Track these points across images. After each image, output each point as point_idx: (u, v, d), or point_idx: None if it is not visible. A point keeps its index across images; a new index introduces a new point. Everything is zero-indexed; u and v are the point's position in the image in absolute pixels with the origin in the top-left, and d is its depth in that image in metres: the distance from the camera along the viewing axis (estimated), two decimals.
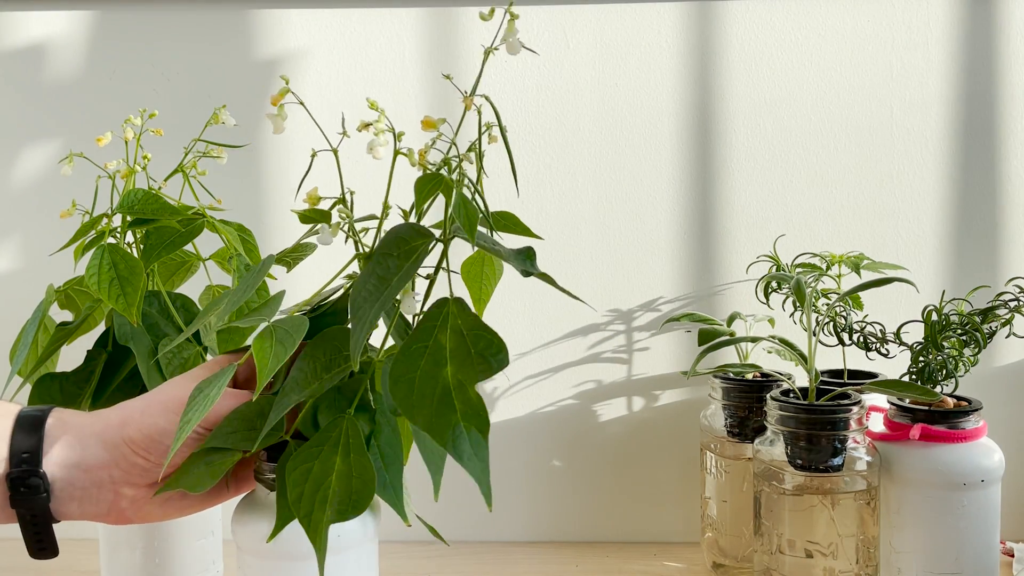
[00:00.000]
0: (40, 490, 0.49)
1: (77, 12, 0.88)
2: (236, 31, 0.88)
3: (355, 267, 0.55)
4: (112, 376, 0.70)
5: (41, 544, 0.51)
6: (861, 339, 0.76)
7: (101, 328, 0.72)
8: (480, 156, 0.52)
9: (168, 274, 0.76)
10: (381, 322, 0.49)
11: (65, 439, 0.51)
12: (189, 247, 0.74)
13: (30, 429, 0.50)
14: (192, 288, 0.76)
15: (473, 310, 0.45)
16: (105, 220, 0.68)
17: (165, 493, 0.52)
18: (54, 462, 0.50)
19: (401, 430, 0.54)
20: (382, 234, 0.51)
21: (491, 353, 0.42)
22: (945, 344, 0.70)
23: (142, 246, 0.69)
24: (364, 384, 0.50)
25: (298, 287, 0.75)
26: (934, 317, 0.70)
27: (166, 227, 0.68)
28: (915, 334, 0.72)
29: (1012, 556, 0.81)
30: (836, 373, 0.81)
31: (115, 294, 0.62)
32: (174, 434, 0.49)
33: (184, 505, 0.55)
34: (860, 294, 0.80)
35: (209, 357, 0.72)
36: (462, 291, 0.60)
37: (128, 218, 0.69)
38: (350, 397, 0.49)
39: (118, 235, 0.68)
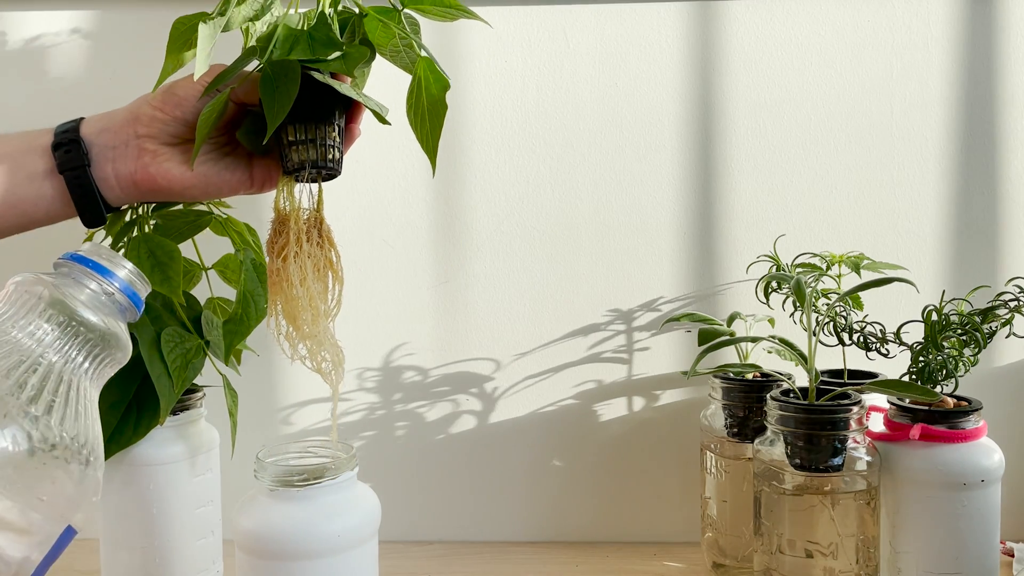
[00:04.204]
0: (79, 148, 0.59)
1: (77, 12, 0.88)
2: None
3: None
4: None
5: (89, 209, 0.61)
6: (861, 339, 0.75)
7: None
8: None
9: None
10: None
11: (97, 116, 0.62)
12: (193, 256, 0.75)
13: (68, 121, 0.62)
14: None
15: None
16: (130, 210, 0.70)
17: (187, 153, 0.61)
18: (88, 131, 0.60)
19: None
20: None
21: (441, 83, 0.62)
22: (945, 344, 0.70)
23: None
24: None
25: None
26: (934, 317, 0.70)
27: (175, 219, 0.70)
28: (915, 334, 0.72)
29: (1012, 556, 0.81)
30: (836, 373, 0.82)
31: (158, 279, 0.66)
32: (185, 88, 0.59)
33: (201, 173, 0.61)
34: (860, 294, 0.80)
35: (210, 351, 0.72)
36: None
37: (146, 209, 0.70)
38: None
39: (149, 225, 0.70)
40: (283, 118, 0.54)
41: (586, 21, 0.87)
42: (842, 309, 0.77)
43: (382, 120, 0.60)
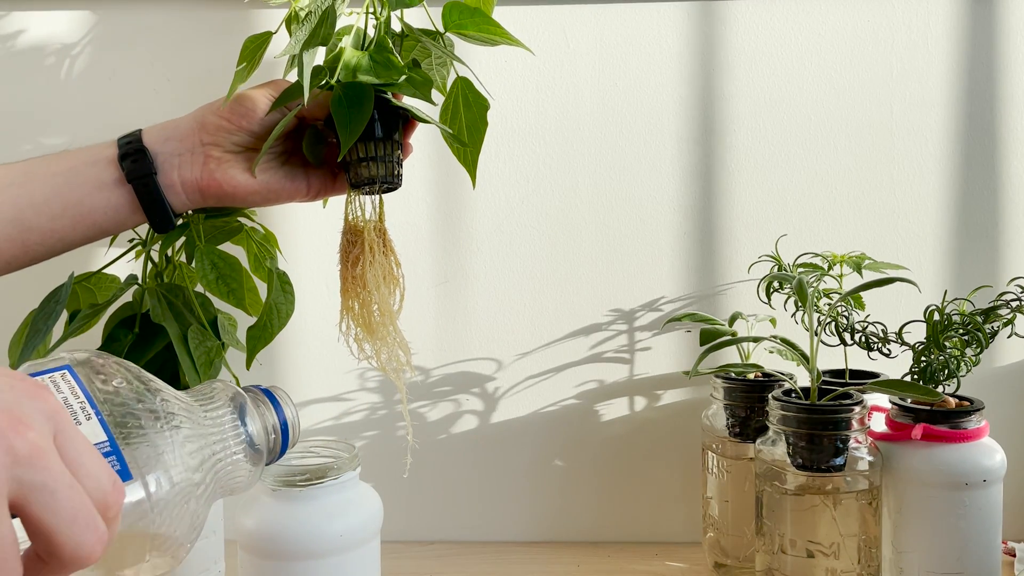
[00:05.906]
0: (146, 157, 0.61)
1: (77, 12, 0.88)
2: (237, 31, 0.88)
3: None
4: (137, 359, 0.69)
5: (158, 215, 0.62)
6: (863, 339, 0.75)
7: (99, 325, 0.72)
8: None
9: None
10: None
11: (157, 126, 0.64)
12: None
13: (128, 133, 0.63)
14: None
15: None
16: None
17: (250, 160, 0.63)
18: (151, 140, 0.62)
19: None
20: None
21: (481, 104, 0.67)
22: (947, 344, 0.70)
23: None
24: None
25: None
26: (936, 317, 0.70)
27: (205, 223, 0.72)
28: (917, 334, 0.72)
29: (1014, 556, 0.81)
30: (838, 373, 0.81)
31: (224, 291, 0.68)
32: (253, 100, 0.62)
33: (264, 181, 0.63)
34: (862, 294, 0.80)
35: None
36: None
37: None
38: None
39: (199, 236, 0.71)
40: (356, 138, 0.57)
41: (586, 21, 0.87)
42: (844, 309, 0.77)
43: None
